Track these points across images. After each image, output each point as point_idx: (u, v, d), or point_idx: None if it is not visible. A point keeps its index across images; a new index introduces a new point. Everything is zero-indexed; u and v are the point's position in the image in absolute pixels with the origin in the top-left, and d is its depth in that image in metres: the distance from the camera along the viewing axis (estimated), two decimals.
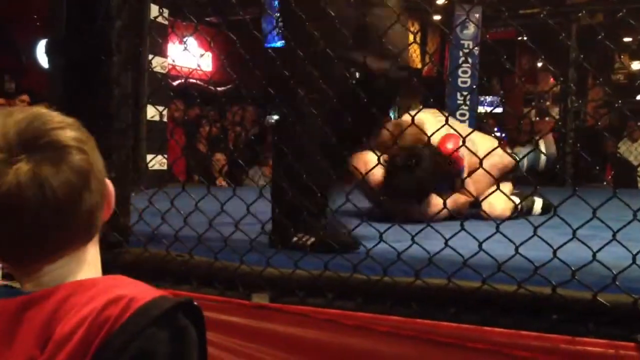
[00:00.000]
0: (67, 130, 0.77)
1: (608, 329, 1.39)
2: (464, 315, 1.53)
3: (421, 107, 3.11)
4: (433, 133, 1.98)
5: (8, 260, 0.81)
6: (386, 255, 1.67)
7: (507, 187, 3.04)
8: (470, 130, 2.55)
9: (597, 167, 5.83)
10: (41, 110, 0.78)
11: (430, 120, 2.76)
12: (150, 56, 4.46)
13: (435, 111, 2.89)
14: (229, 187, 4.90)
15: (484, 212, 2.65)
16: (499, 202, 2.90)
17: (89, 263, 0.82)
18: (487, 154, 1.74)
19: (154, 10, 4.43)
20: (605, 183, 6.03)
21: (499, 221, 1.62)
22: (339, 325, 1.65)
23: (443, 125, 1.82)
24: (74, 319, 0.72)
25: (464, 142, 1.69)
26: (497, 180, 2.27)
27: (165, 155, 4.99)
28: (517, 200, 3.01)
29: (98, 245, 0.84)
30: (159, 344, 0.72)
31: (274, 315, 1.73)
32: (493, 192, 2.55)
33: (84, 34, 2.02)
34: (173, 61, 5.68)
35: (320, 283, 1.71)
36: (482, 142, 2.63)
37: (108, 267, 0.86)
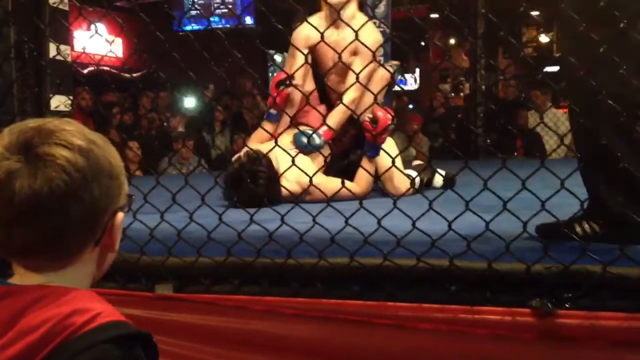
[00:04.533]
0: (61, 149, 0.81)
1: (504, 297, 1.43)
2: (368, 292, 1.54)
3: None
4: None
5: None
6: (290, 237, 1.65)
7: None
8: None
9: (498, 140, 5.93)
10: (53, 123, 0.84)
11: None
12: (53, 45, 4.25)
13: None
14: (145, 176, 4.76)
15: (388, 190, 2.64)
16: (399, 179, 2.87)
17: (70, 281, 0.86)
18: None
19: None
20: (515, 154, 6.20)
21: (395, 198, 1.63)
22: (245, 311, 1.63)
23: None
24: (41, 316, 0.78)
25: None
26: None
27: None
28: (413, 174, 2.98)
29: (89, 269, 0.90)
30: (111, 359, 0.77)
31: (179, 305, 1.69)
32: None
33: None
34: (83, 49, 5.44)
35: (225, 269, 1.68)
36: None
37: None
